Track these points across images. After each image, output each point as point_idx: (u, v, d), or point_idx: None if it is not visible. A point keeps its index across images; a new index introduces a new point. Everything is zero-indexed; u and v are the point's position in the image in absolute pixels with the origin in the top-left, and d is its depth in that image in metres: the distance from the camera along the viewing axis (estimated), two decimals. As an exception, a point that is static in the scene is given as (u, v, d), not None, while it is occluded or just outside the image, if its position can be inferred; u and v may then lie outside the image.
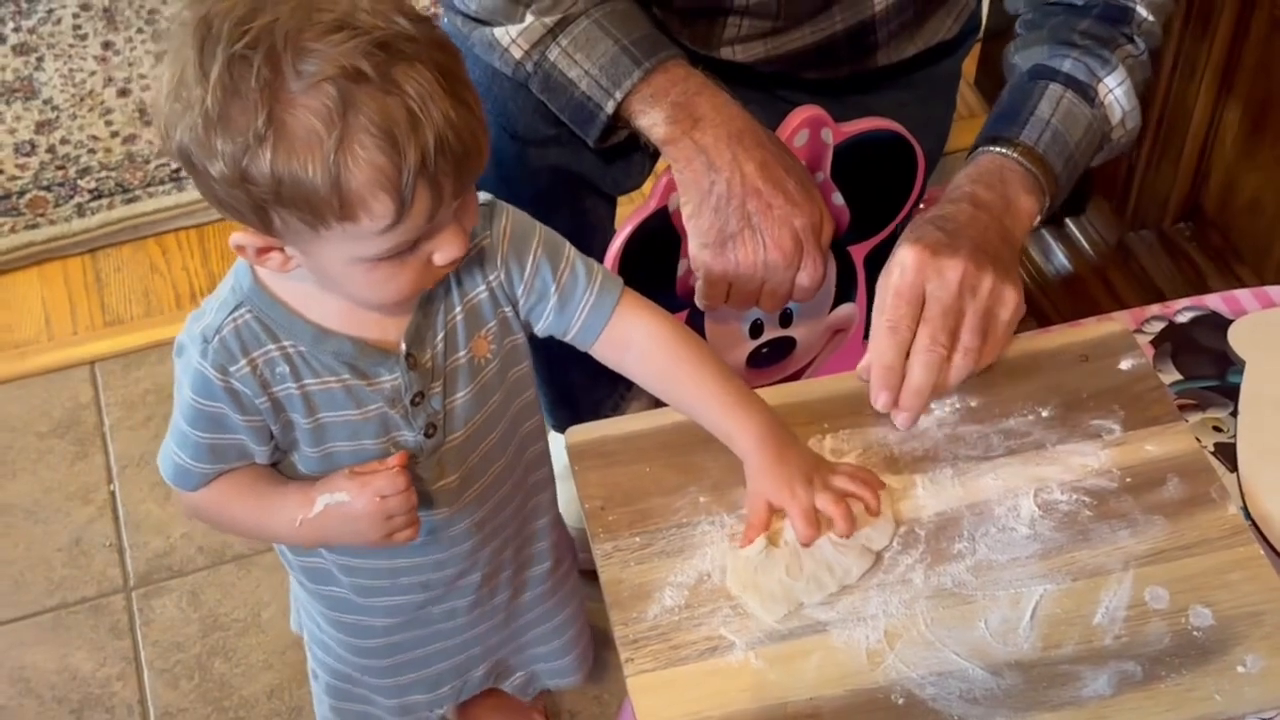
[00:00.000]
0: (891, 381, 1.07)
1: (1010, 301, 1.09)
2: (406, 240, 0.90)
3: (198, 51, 0.83)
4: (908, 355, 1.08)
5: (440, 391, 1.03)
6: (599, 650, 1.42)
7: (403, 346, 1.00)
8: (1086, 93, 1.21)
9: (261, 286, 0.97)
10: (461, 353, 1.04)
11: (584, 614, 1.34)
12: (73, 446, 1.82)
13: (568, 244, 1.07)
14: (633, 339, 1.07)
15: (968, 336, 1.08)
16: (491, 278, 1.04)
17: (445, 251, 0.93)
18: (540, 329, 1.08)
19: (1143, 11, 1.25)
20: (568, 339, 1.08)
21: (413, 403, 1.02)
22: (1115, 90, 1.22)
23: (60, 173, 2.11)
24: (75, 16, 2.33)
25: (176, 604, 1.67)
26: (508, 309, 1.05)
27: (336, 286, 0.95)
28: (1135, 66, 1.24)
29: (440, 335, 1.02)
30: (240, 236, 0.91)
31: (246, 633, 1.64)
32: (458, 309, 1.03)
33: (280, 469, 1.05)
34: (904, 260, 1.08)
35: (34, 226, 2.04)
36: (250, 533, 1.10)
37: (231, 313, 0.97)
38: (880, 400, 1.08)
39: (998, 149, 1.17)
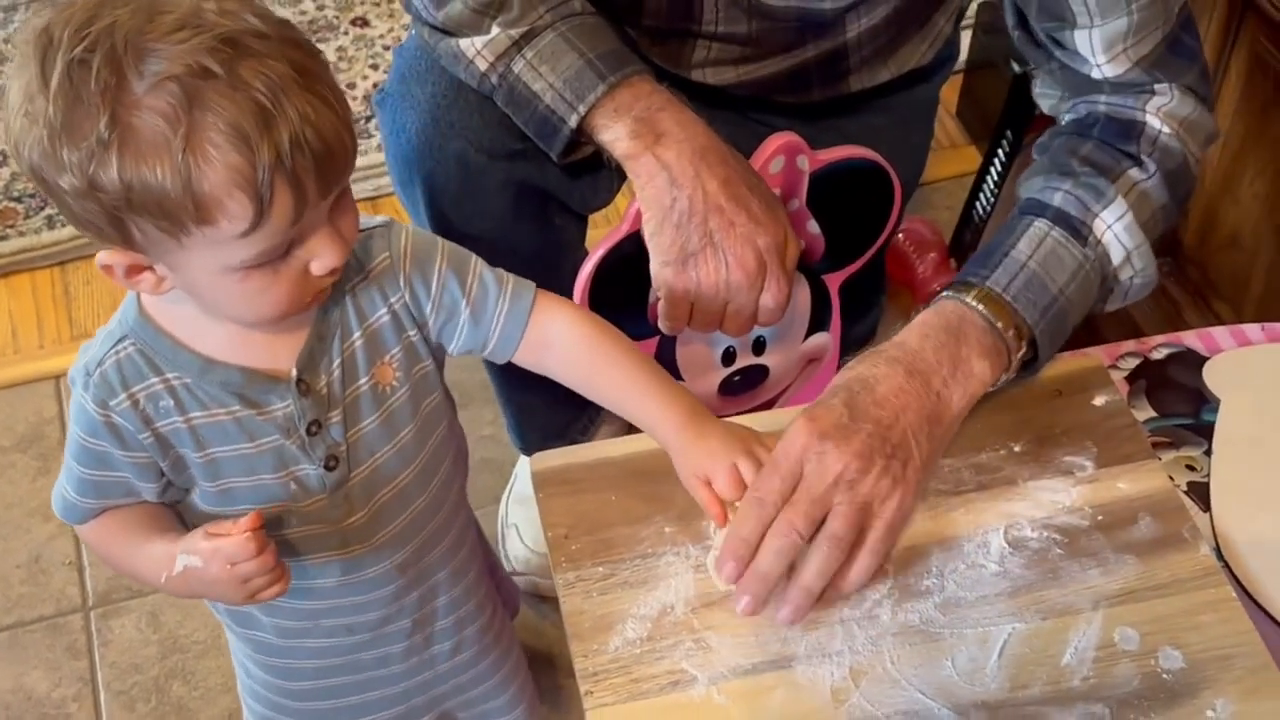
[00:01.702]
0: (741, 554, 0.98)
1: (892, 502, 0.99)
2: (275, 245, 0.86)
3: (39, 63, 0.80)
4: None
5: (340, 421, 1.00)
6: (561, 677, 1.39)
7: (293, 372, 0.97)
8: (1078, 230, 1.11)
9: (147, 318, 0.94)
10: (362, 380, 1.00)
11: (524, 659, 1.32)
12: (35, 462, 1.79)
13: (474, 256, 1.04)
14: (551, 338, 1.05)
15: (836, 524, 0.97)
16: (394, 299, 1.00)
17: (322, 259, 0.89)
18: (455, 349, 1.05)
19: (1155, 124, 1.16)
20: (486, 353, 1.05)
21: (309, 432, 0.98)
22: (1114, 226, 1.12)
23: (31, 184, 2.08)
24: (52, 27, 2.31)
25: (136, 625, 1.64)
26: (413, 333, 1.02)
27: (213, 304, 0.91)
28: (1141, 197, 1.13)
29: (337, 362, 0.98)
30: (106, 256, 0.88)
31: (206, 655, 1.61)
32: (356, 334, 0.99)
33: (179, 508, 1.02)
34: (792, 433, 1.00)
35: (3, 238, 2.02)
36: (129, 575, 1.05)
37: (114, 345, 0.94)
38: (725, 570, 0.98)
39: (958, 295, 1.08)
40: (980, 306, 1.07)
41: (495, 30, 1.16)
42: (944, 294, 1.09)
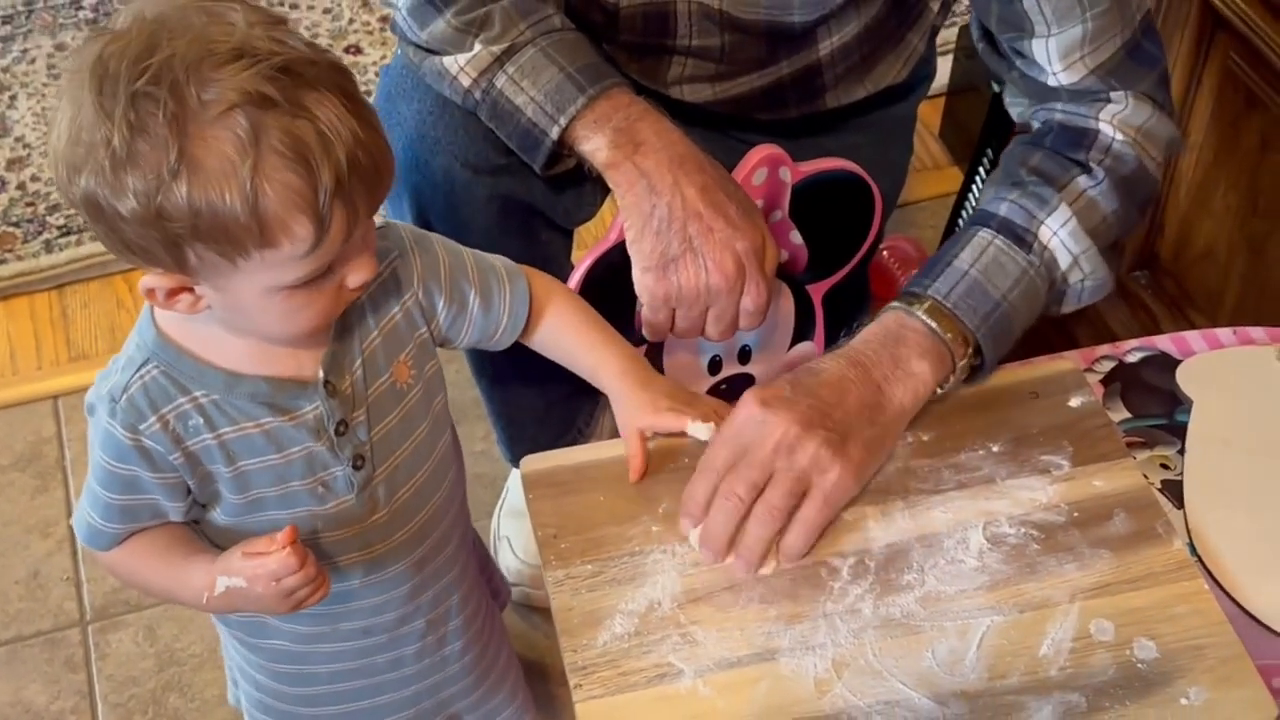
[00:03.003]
0: (693, 513, 1.06)
1: (831, 475, 1.04)
2: (324, 264, 0.89)
3: (96, 93, 0.82)
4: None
5: (365, 420, 1.02)
6: (553, 686, 1.41)
7: (320, 374, 0.99)
8: (1022, 238, 1.15)
9: (166, 339, 0.95)
10: (383, 378, 1.03)
11: (514, 654, 1.34)
12: (33, 480, 1.81)
13: (461, 247, 1.08)
14: (542, 309, 1.11)
15: (773, 493, 1.03)
16: (408, 296, 1.04)
17: (358, 274, 0.93)
18: (463, 341, 1.08)
19: (1108, 131, 1.19)
20: (497, 336, 1.09)
21: (337, 432, 1.00)
22: (1059, 232, 1.16)
23: (30, 209, 2.12)
24: (50, 56, 2.34)
25: (133, 638, 1.66)
26: (423, 329, 1.05)
27: (249, 323, 0.93)
28: (1088, 204, 1.17)
29: (359, 361, 1.01)
30: (150, 280, 0.89)
31: (203, 668, 1.63)
32: (374, 333, 1.02)
33: (200, 527, 1.03)
34: (737, 405, 1.07)
35: (2, 262, 2.05)
36: (162, 597, 1.06)
37: (138, 370, 0.95)
38: (682, 524, 1.06)
39: (901, 306, 1.14)
40: (922, 315, 1.12)
41: (478, 47, 1.19)
42: (888, 306, 1.15)
